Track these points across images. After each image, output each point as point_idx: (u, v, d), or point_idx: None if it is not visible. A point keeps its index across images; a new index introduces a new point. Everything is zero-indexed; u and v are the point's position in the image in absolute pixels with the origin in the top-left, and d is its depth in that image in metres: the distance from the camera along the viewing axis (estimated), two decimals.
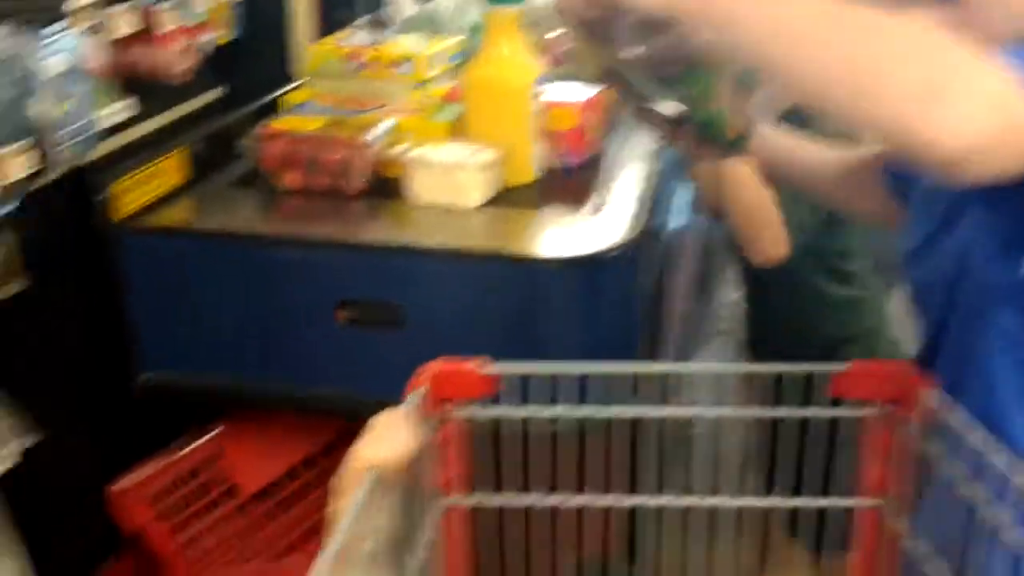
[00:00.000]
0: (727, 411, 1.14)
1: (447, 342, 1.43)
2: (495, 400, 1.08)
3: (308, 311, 1.50)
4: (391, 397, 1.48)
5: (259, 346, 1.55)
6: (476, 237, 1.52)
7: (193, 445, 1.66)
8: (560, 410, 1.08)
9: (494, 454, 1.18)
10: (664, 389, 1.13)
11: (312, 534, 1.74)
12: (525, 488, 1.13)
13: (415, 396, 1.01)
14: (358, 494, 0.79)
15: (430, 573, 1.00)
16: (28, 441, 1.24)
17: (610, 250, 1.43)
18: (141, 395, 1.59)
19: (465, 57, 1.89)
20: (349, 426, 1.74)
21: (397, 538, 0.87)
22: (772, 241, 1.46)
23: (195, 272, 1.55)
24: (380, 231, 1.61)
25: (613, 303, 1.46)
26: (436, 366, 1.06)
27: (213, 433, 1.68)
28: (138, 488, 1.59)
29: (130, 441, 1.78)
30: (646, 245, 1.53)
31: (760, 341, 1.84)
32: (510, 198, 1.60)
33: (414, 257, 1.47)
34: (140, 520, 1.58)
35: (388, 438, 0.89)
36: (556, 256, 1.44)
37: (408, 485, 0.92)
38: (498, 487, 1.13)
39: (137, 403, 1.71)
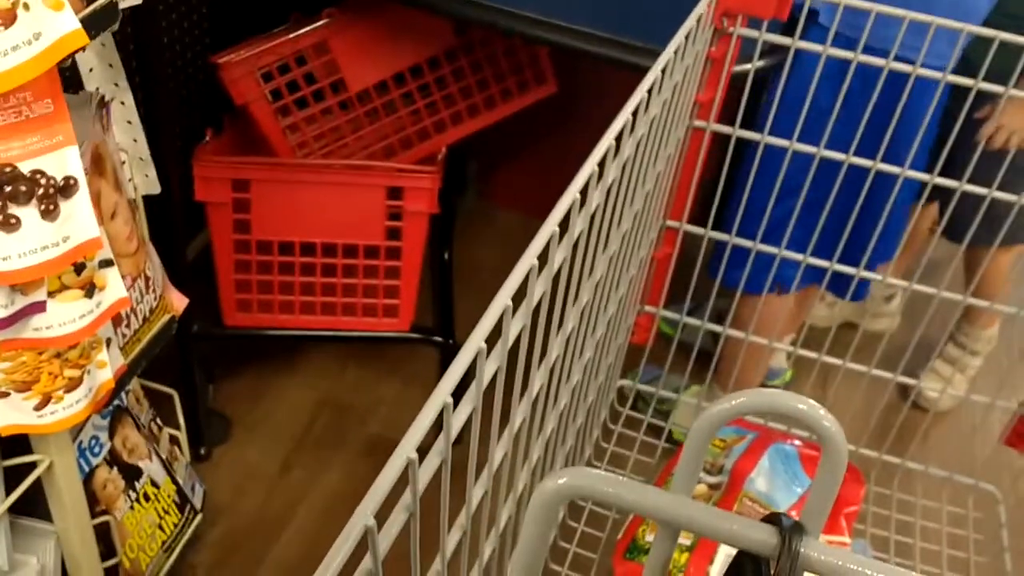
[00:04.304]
0: None
1: None
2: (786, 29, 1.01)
3: None
4: (517, 6, 1.41)
5: None
6: None
7: (301, 30, 1.61)
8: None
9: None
10: None
11: (411, 142, 1.74)
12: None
13: (705, 1, 0.93)
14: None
15: (663, 185, 1.00)
16: None
17: None
18: None
19: None
20: (459, 41, 1.72)
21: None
22: None
23: None
24: None
25: None
26: None
27: (321, 22, 1.63)
28: (246, 62, 1.56)
29: (240, 18, 1.74)
30: None
31: None
32: None
33: None
34: (247, 95, 1.57)
35: None
36: None
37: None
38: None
39: None
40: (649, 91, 0.77)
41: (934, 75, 1.13)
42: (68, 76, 1.18)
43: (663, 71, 0.82)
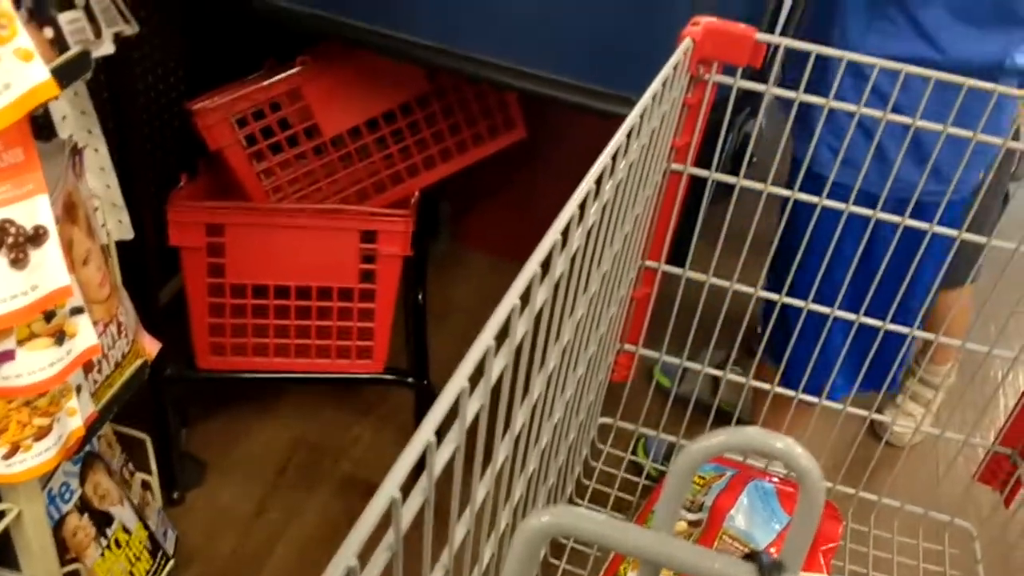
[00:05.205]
0: None
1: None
2: (758, 75, 1.03)
3: None
4: (486, 54, 1.43)
5: None
6: None
7: (275, 77, 1.63)
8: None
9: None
10: None
11: (385, 186, 1.75)
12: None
13: (681, 49, 0.96)
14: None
15: (642, 226, 1.02)
16: (126, 29, 1.19)
17: None
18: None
19: None
20: (430, 87, 1.74)
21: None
22: None
23: None
24: None
25: None
26: (708, 22, 1.00)
27: (295, 69, 1.64)
28: (220, 108, 1.57)
29: (215, 65, 1.75)
30: None
31: None
32: None
33: None
34: (222, 140, 1.58)
35: None
36: None
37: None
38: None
39: (226, 28, 1.65)
40: (628, 136, 0.79)
41: None
42: (41, 123, 1.18)
43: (641, 116, 0.84)
